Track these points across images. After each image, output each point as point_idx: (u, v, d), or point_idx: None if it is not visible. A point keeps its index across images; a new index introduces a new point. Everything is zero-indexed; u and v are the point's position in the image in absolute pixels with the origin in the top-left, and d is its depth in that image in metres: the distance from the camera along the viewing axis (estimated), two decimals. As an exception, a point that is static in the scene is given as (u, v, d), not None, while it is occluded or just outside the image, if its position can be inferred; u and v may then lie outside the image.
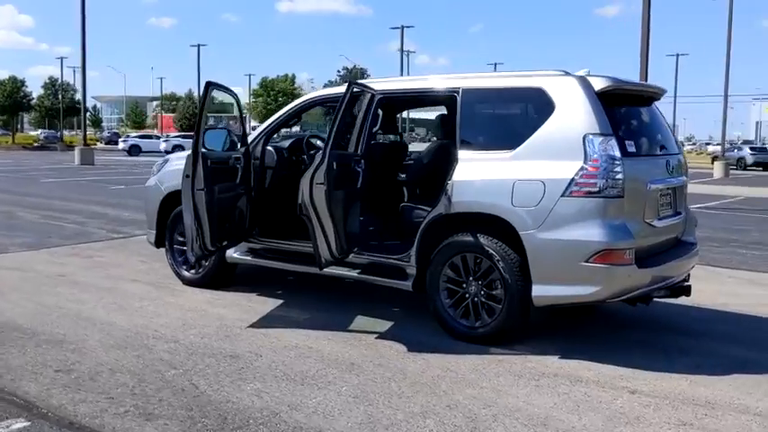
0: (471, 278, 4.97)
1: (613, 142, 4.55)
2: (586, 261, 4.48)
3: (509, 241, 4.78)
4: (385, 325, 5.36)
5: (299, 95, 74.34)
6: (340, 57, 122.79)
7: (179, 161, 6.86)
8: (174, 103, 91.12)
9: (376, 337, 5.04)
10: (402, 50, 52.87)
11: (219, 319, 5.39)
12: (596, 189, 4.49)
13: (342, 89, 5.97)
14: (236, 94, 6.71)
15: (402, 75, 51.73)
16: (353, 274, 5.55)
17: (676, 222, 5.29)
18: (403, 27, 52.78)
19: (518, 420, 3.64)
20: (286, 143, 6.68)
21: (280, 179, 6.30)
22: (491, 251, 4.80)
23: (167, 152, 40.22)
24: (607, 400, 3.95)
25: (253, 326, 5.24)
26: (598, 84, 4.73)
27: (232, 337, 4.94)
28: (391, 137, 7.38)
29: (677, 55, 67.11)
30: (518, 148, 4.80)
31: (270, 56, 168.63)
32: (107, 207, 13.17)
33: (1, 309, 5.53)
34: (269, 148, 6.27)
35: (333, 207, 4.89)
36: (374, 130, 6.05)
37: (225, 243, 5.70)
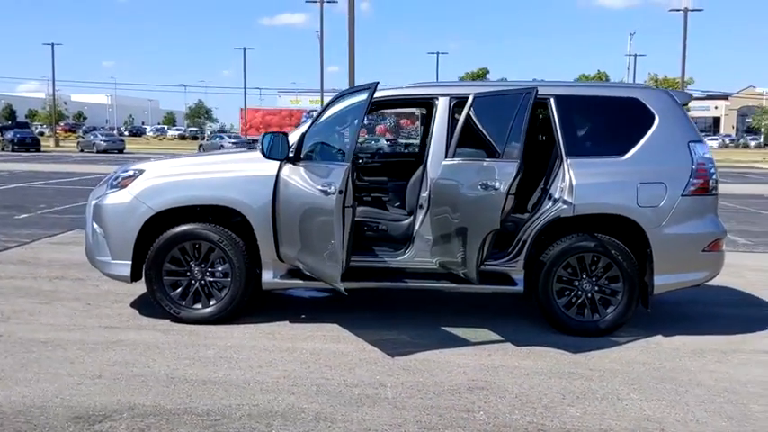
0: (586, 276, 5.30)
1: (707, 147, 5.39)
2: (703, 250, 5.25)
3: (624, 238, 5.26)
4: (487, 333, 5.32)
5: None
6: None
7: (168, 170, 5.57)
8: None
9: (517, 345, 5.01)
10: None
11: (347, 356, 4.69)
12: (705, 187, 5.27)
13: (402, 91, 5.68)
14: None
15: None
16: (446, 284, 5.34)
17: None
18: None
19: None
20: None
21: None
22: (613, 249, 5.21)
23: None
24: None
25: (398, 354, 4.70)
26: (680, 98, 5.52)
27: (414, 371, 4.42)
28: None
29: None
30: (630, 153, 5.28)
31: None
32: None
33: (71, 394, 3.89)
34: None
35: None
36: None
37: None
